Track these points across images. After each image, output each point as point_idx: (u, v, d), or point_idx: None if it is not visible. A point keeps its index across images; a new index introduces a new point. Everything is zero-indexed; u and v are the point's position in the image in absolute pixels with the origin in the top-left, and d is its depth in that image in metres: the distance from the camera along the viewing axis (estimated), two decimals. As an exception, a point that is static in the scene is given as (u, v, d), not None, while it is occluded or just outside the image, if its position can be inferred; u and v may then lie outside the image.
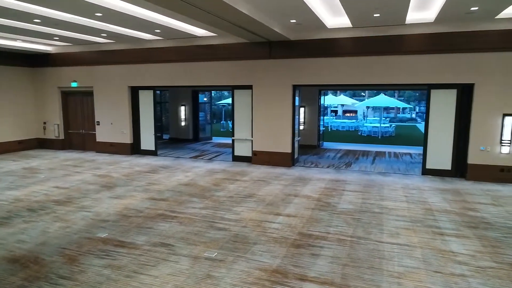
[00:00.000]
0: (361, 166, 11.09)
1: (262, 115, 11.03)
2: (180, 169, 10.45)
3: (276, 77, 10.72)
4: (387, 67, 9.63)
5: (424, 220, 6.26)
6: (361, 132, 21.62)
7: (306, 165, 11.31)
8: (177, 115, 16.95)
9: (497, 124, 8.94)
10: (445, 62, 9.15)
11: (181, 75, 11.87)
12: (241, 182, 8.96)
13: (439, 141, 9.59)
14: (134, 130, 12.97)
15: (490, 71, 8.83)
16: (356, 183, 8.92)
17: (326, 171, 10.33)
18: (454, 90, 9.36)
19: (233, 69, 11.19)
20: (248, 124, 11.42)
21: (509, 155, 8.90)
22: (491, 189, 8.36)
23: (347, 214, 6.53)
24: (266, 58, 10.75)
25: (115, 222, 6.10)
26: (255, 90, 11.04)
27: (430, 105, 9.59)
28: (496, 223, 6.13)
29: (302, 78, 10.49)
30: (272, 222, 6.13)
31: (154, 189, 8.20)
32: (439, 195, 7.83)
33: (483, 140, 9.09)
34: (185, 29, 10.34)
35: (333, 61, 10.11)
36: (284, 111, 10.78)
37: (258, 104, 11.04)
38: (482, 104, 9.01)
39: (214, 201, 7.29)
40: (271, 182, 8.91)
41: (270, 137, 11.00)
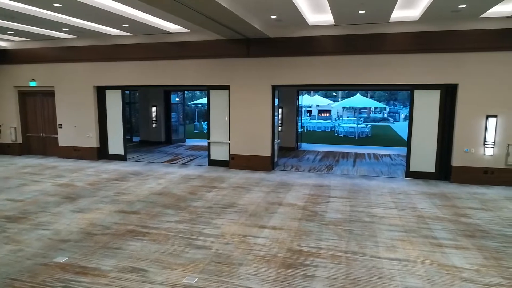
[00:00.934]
0: (343, 169, 10.71)
1: (240, 117, 10.42)
2: (152, 176, 9.66)
3: (255, 76, 10.15)
4: (370, 67, 9.28)
5: (418, 229, 5.87)
6: (337, 132, 21.45)
7: (286, 168, 10.81)
8: (148, 117, 16.02)
9: (481, 125, 8.78)
10: (429, 62, 8.90)
11: (152, 74, 11.05)
12: (220, 189, 8.31)
13: (423, 143, 9.35)
14: (101, 133, 12.00)
15: (474, 71, 8.66)
16: (341, 188, 8.50)
17: (308, 175, 9.86)
18: (437, 90, 9.13)
19: (209, 68, 10.51)
20: (225, 126, 10.77)
21: (493, 156, 8.76)
22: (478, 192, 8.17)
23: (336, 225, 6.04)
24: (244, 56, 10.14)
25: (77, 242, 5.31)
26: (232, 90, 10.41)
27: (413, 106, 9.32)
28: (491, 231, 5.83)
29: (282, 78, 9.97)
30: (257, 236, 5.54)
31: (124, 200, 7.40)
32: (427, 200, 7.52)
33: (467, 141, 8.91)
34: (156, 24, 9.56)
35: (315, 60, 9.65)
36: (263, 112, 10.22)
37: (235, 105, 10.42)
38: (466, 105, 8.82)
39: (191, 213, 6.61)
40: (251, 189, 8.32)
41: (248, 140, 10.41)
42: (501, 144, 8.68)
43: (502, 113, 8.61)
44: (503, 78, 8.49)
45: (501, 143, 8.68)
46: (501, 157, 8.72)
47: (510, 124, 8.58)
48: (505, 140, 8.64)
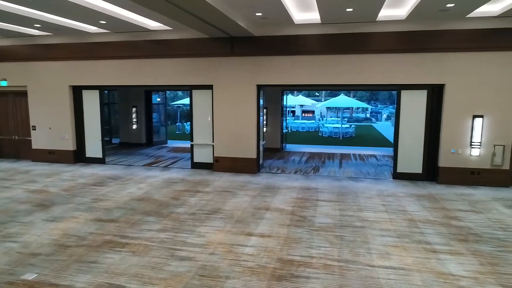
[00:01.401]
0: (330, 171, 10.52)
1: (224, 118, 10.08)
2: (132, 180, 9.21)
3: (239, 76, 9.83)
4: (357, 67, 9.11)
5: (411, 234, 5.69)
6: (322, 133, 21.35)
7: (272, 171, 10.53)
8: (128, 118, 15.46)
9: (467, 126, 8.73)
10: (416, 62, 8.79)
11: (131, 73, 10.58)
12: (204, 194, 7.96)
13: (409, 144, 9.24)
14: (78, 135, 11.43)
15: (460, 71, 8.60)
16: (329, 191, 8.28)
17: (295, 178, 9.61)
18: (424, 91, 9.04)
19: (191, 68, 10.12)
20: (209, 128, 10.41)
21: (479, 157, 8.73)
22: (465, 193, 8.10)
23: (327, 231, 5.80)
24: (227, 55, 9.81)
25: (49, 255, 4.87)
26: (216, 90, 10.06)
27: (400, 106, 9.20)
28: (483, 234, 5.70)
29: (267, 78, 9.69)
30: (245, 245, 5.23)
31: (101, 207, 6.95)
32: (416, 203, 7.38)
33: (453, 142, 8.85)
34: (136, 21, 9.12)
35: (301, 60, 9.41)
36: (248, 113, 9.92)
37: (219, 105, 10.08)
38: (452, 105, 8.76)
39: (173, 220, 6.24)
40: (237, 193, 8.00)
41: (233, 141, 10.08)
42: (487, 144, 8.65)
43: (488, 114, 8.58)
44: (489, 79, 8.46)
45: (487, 144, 8.65)
46: (487, 158, 8.69)
47: (496, 124, 8.56)
48: (491, 141, 8.62)
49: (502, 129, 8.55)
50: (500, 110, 8.51)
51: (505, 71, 8.37)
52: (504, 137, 8.57)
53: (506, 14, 7.85)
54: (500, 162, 8.63)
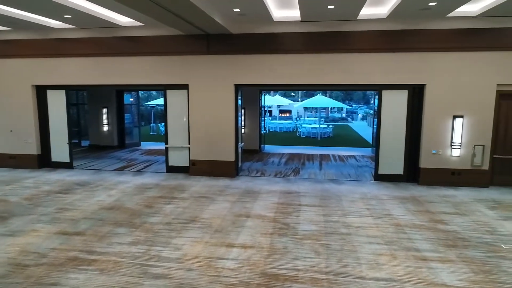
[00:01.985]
0: (310, 173, 10.26)
1: (200, 119, 9.61)
2: (102, 186, 8.59)
3: (216, 75, 9.39)
4: (337, 66, 8.87)
5: (399, 240, 5.46)
6: (299, 133, 21.17)
7: (251, 174, 10.15)
8: (98, 119, 14.67)
9: (448, 126, 8.67)
10: (397, 61, 8.65)
11: (100, 72, 9.92)
12: (180, 200, 7.48)
13: (391, 145, 9.10)
14: (42, 138, 10.65)
15: (440, 71, 8.52)
16: (311, 194, 7.99)
17: (275, 181, 9.28)
18: (405, 91, 8.91)
19: (165, 66, 9.59)
20: (184, 129, 9.91)
21: (460, 158, 8.69)
22: (447, 195, 8.01)
23: (312, 239, 5.48)
24: (203, 53, 9.35)
25: (3, 278, 4.29)
26: (192, 90, 9.58)
27: (381, 107, 9.04)
28: (471, 239, 5.54)
29: (246, 77, 9.30)
30: (226, 258, 4.82)
31: (66, 218, 6.36)
32: (401, 206, 7.19)
33: (434, 143, 8.77)
34: (104, 16, 8.52)
35: (280, 59, 9.08)
36: (226, 114, 9.49)
37: (195, 106, 9.60)
38: (433, 105, 8.67)
39: (147, 231, 5.75)
40: (215, 199, 7.57)
41: (210, 144, 9.63)
42: (468, 145, 8.62)
43: (468, 114, 8.54)
44: (469, 79, 8.42)
45: (467, 144, 8.61)
46: (468, 158, 8.66)
47: (476, 125, 8.53)
48: (471, 141, 8.59)
49: (482, 129, 8.53)
50: (479, 111, 8.49)
51: (484, 71, 8.35)
52: (484, 138, 8.55)
53: (485, 14, 7.82)
54: (479, 162, 8.61)
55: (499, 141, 8.71)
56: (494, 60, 8.31)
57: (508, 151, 8.73)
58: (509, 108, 8.64)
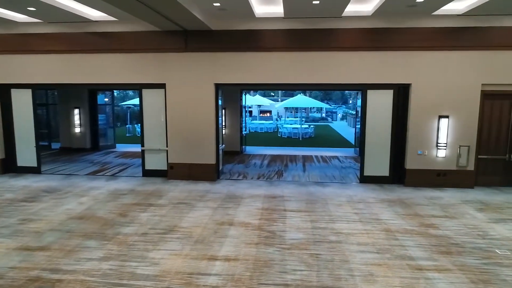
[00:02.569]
0: (294, 175, 9.93)
1: (178, 120, 9.11)
2: (72, 193, 7.97)
3: (195, 74, 8.91)
4: (321, 65, 8.57)
5: (391, 248, 5.17)
6: (281, 133, 20.87)
7: (233, 177, 9.73)
8: (70, 120, 13.87)
9: (433, 127, 8.52)
10: (382, 60, 8.43)
11: (71, 70, 9.25)
12: (157, 207, 6.97)
13: (376, 146, 8.87)
14: (7, 141, 9.88)
15: (426, 71, 8.35)
16: (296, 198, 7.65)
17: (258, 184, 8.89)
18: (390, 91, 8.71)
19: (141, 64, 9.03)
20: (162, 131, 9.38)
21: (445, 158, 8.55)
22: (434, 196, 7.84)
23: (300, 249, 5.12)
24: (181, 51, 8.85)
25: (-51, 306, 3.72)
26: (169, 89, 9.06)
27: (367, 107, 8.81)
28: (465, 244, 5.33)
29: (226, 76, 8.87)
30: (208, 273, 4.39)
31: (30, 230, 5.75)
32: (389, 209, 6.95)
33: (420, 143, 8.60)
34: (73, 9, 7.90)
35: (262, 57, 8.70)
36: (205, 114, 9.03)
37: (173, 106, 9.09)
38: (418, 105, 8.50)
39: (120, 244, 5.24)
40: (195, 205, 7.10)
41: (189, 146, 9.14)
42: (453, 145, 8.49)
43: (453, 114, 8.42)
44: (454, 78, 8.30)
45: (453, 144, 8.49)
46: (453, 159, 8.54)
47: (461, 125, 8.42)
48: (457, 141, 8.47)
49: (467, 129, 8.43)
50: (465, 111, 8.38)
51: (470, 70, 8.25)
52: (469, 138, 8.45)
53: (471, 12, 7.69)
54: (465, 163, 8.51)
55: (483, 141, 8.64)
56: (479, 59, 8.21)
57: (491, 151, 8.67)
58: (493, 108, 8.57)
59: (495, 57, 8.15)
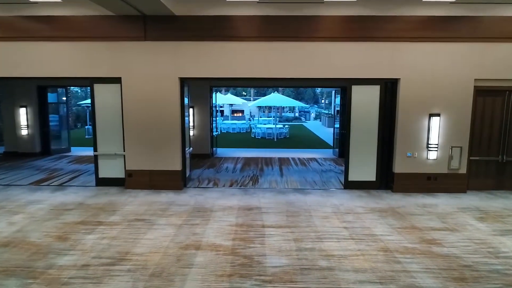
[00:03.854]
0: (271, 181, 8.90)
1: (138, 120, 7.86)
2: (5, 209, 6.55)
3: (156, 66, 7.69)
4: (300, 57, 7.59)
5: (395, 275, 4.23)
6: (254, 134, 19.84)
7: (202, 184, 8.57)
8: (14, 120, 12.18)
9: (424, 126, 7.75)
10: (367, 52, 7.56)
11: (3, 61, 7.77)
12: (107, 227, 5.72)
13: (362, 148, 8.00)
14: None
15: (415, 64, 7.56)
16: (275, 210, 6.61)
17: (231, 193, 7.79)
18: (377, 86, 7.86)
19: (91, 55, 7.71)
20: (118, 133, 8.08)
21: (436, 161, 7.80)
22: (427, 204, 7.04)
23: (285, 281, 4.07)
24: (140, 39, 7.61)
25: None
26: (126, 84, 7.79)
27: (351, 105, 7.91)
28: (478, 266, 4.47)
29: (193, 69, 7.71)
30: (164, 327, 3.25)
31: None
32: (381, 221, 6.05)
33: (409, 144, 7.80)
34: (2, -14, 6.49)
35: (234, 47, 7.62)
36: (169, 113, 7.83)
37: (131, 104, 7.83)
38: (407, 102, 7.70)
39: (50, 284, 3.99)
40: (155, 222, 5.91)
41: (151, 149, 7.91)
42: (444, 146, 7.75)
43: (445, 112, 7.68)
44: (445, 73, 7.55)
45: (444, 145, 7.75)
46: (444, 161, 7.80)
47: (453, 123, 7.69)
48: (448, 142, 7.74)
49: (459, 129, 7.72)
50: (457, 108, 7.66)
51: (461, 64, 7.53)
52: (461, 138, 7.74)
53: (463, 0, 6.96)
54: (457, 165, 7.79)
55: (475, 142, 7.96)
56: (471, 52, 7.51)
57: (483, 153, 8.02)
58: (485, 105, 7.91)
59: (488, 50, 7.47)
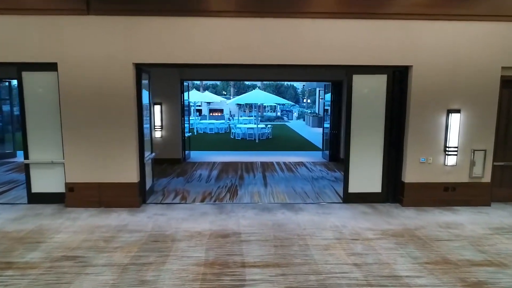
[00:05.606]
0: (253, 193, 7.28)
1: (81, 118, 6.08)
2: None
3: (103, 49, 5.94)
4: (289, 38, 6.01)
5: None
6: (234, 134, 18.15)
7: (167, 199, 6.86)
8: None
9: (441, 125, 6.30)
10: (372, 32, 6.04)
11: None
12: (19, 271, 3.95)
13: (364, 152, 6.49)
14: None
15: (431, 48, 6.10)
16: (259, 236, 4.99)
17: (202, 211, 6.12)
18: (383, 76, 6.36)
19: (17, 33, 5.88)
20: (56, 135, 6.28)
21: (455, 167, 6.37)
22: (450, 223, 5.59)
23: None
24: (82, 13, 5.84)
25: None
26: (64, 72, 5.99)
27: (352, 99, 6.37)
28: None
29: (152, 52, 6.00)
30: None
31: None
32: (401, 251, 4.53)
33: (423, 148, 6.34)
34: None
35: (204, 25, 5.96)
36: (121, 110, 6.09)
37: (71, 98, 6.04)
38: (420, 95, 6.22)
39: None
40: (91, 263, 4.18)
41: (98, 157, 6.15)
42: (465, 149, 6.33)
43: (466, 107, 6.25)
44: (468, 59, 6.12)
45: (465, 149, 6.33)
46: (465, 168, 6.38)
47: (476, 122, 6.28)
48: (469, 144, 6.32)
49: (483, 128, 6.31)
50: (481, 103, 6.24)
51: (487, 49, 6.11)
52: (486, 139, 6.34)
53: (494, -34, 5.54)
54: (480, 173, 6.38)
55: (499, 144, 6.58)
56: (498, 33, 6.10)
57: (509, 157, 6.65)
58: (511, 99, 6.54)
59: (518, 31, 6.09)
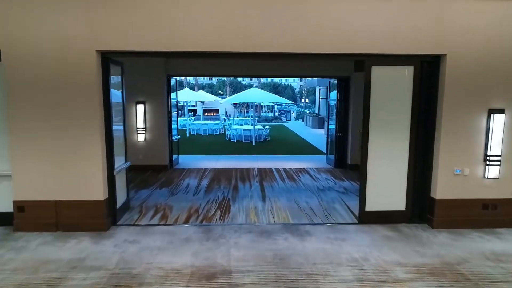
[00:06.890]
0: (248, 210, 6.06)
1: (31, 122, 4.85)
2: None
3: (59, 32, 4.71)
4: (292, 21, 4.81)
5: None
6: (229, 136, 16.90)
7: (143, 218, 5.62)
8: None
9: (480, 128, 5.11)
10: (395, 12, 4.86)
11: None
12: None
13: (385, 162, 5.30)
14: None
15: (470, 33, 4.91)
16: (256, 276, 3.78)
17: (185, 236, 4.89)
18: (409, 67, 5.16)
19: (-51, 12, 4.65)
20: (1, 142, 5.04)
21: (497, 180, 5.18)
22: (498, 252, 4.40)
23: None
24: (30, -13, 4.61)
25: None
26: (9, 62, 4.76)
27: (370, 96, 5.17)
28: None
29: (120, 37, 4.78)
30: None
31: None
32: (450, 303, 3.33)
33: (457, 157, 5.15)
34: None
35: (189, 2, 4.75)
36: (83, 111, 4.86)
37: (19, 96, 4.81)
38: (455, 92, 5.03)
39: None
40: (16, 326, 2.95)
41: (55, 168, 4.92)
42: (510, 159, 5.15)
43: (511, 107, 5.07)
44: (514, 46, 4.95)
45: (509, 158, 5.14)
46: (509, 181, 5.20)
47: (524, 124, 5.10)
48: (515, 152, 5.15)
49: (533, 132, 5.13)
50: (530, 101, 5.07)
51: (538, 33, 4.94)
52: (535, 146, 5.16)
53: None
54: (527, 187, 5.20)
55: (548, 151, 5.40)
56: (552, 14, 4.92)
57: (558, 166, 5.46)
58: (563, 97, 5.36)
59: None
